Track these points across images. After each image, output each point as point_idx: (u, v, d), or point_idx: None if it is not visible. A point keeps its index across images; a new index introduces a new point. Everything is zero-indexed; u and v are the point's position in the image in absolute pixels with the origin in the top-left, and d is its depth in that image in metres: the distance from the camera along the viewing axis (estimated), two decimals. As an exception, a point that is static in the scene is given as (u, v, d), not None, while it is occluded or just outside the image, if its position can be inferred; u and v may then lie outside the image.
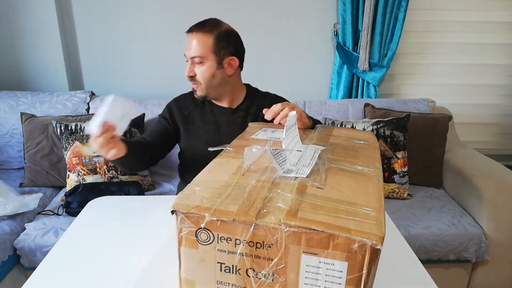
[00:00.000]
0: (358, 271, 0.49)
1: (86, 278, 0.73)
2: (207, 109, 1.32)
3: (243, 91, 1.33)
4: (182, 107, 1.34)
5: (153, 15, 2.08)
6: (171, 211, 0.53)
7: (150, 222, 0.92)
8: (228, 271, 0.54)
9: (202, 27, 1.19)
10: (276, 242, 0.50)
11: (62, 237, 0.86)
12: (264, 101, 1.30)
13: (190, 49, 1.20)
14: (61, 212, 1.58)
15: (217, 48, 1.19)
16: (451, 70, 2.25)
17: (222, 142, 1.21)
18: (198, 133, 1.31)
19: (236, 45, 1.24)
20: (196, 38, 1.18)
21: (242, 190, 0.57)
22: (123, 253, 0.80)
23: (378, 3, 1.98)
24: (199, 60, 1.19)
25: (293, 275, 0.52)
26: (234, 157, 0.69)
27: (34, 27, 2.00)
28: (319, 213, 0.51)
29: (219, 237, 0.52)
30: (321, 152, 0.72)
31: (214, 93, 1.26)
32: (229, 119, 1.30)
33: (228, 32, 1.22)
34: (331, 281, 0.50)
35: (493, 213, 1.54)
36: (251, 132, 0.85)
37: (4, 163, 1.93)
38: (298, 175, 0.62)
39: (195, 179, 0.61)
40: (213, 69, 1.20)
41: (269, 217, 0.50)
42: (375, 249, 0.47)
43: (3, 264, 1.39)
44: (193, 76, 1.22)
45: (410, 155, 1.79)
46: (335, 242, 0.48)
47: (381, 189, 0.60)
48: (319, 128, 0.90)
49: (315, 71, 2.24)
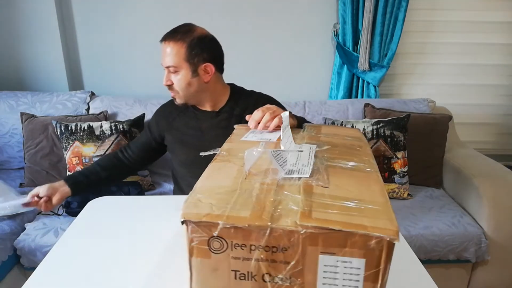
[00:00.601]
0: (375, 267, 0.49)
1: (86, 278, 0.73)
2: (190, 114, 1.31)
3: (226, 93, 1.30)
4: (167, 115, 1.33)
5: (153, 15, 2.08)
6: (181, 221, 0.51)
7: (150, 222, 0.92)
8: (243, 278, 0.53)
9: (174, 35, 1.17)
10: (293, 244, 0.49)
11: (62, 237, 0.86)
12: (248, 101, 1.28)
13: (164, 58, 1.18)
14: (61, 212, 1.58)
15: (190, 56, 1.16)
16: (451, 70, 2.25)
17: (207, 146, 1.21)
18: (183, 139, 1.30)
19: (211, 51, 1.21)
20: (169, 47, 1.16)
21: (249, 194, 0.56)
22: (123, 253, 0.80)
23: (378, 3, 1.98)
24: (174, 69, 1.17)
25: (310, 277, 0.51)
26: (230, 161, 0.68)
27: (34, 27, 2.00)
28: (332, 213, 0.51)
29: (233, 244, 0.51)
30: (316, 151, 0.72)
31: (193, 100, 1.26)
32: (213, 123, 1.28)
33: (202, 38, 1.19)
34: (349, 278, 0.50)
35: (493, 213, 1.54)
36: (239, 134, 0.85)
37: (4, 163, 1.93)
38: (301, 175, 0.61)
39: (195, 186, 0.59)
40: (188, 77, 1.18)
41: (283, 220, 0.50)
42: (391, 243, 0.47)
43: (3, 264, 1.39)
44: (171, 85, 1.20)
45: (410, 155, 1.79)
46: (352, 240, 0.48)
47: (382, 184, 0.61)
48: (307, 127, 0.90)
49: (315, 71, 2.24)
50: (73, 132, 1.70)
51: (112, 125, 1.73)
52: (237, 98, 1.30)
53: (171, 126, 1.32)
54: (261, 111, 0.91)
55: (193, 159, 1.27)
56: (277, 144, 0.78)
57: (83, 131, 1.71)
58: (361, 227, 0.48)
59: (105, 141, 1.71)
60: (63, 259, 0.79)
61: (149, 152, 1.37)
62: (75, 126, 1.71)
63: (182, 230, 0.52)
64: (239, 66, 2.18)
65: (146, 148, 1.36)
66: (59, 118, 1.80)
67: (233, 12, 2.08)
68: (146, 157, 1.38)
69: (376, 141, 1.76)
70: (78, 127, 1.71)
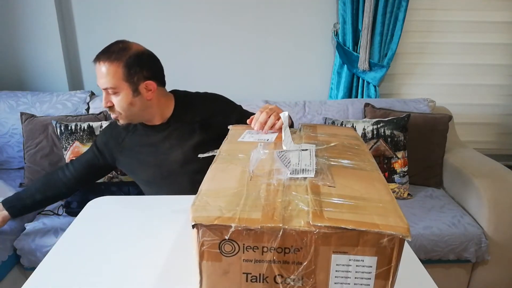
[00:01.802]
0: (387, 264, 0.50)
1: (86, 278, 0.73)
2: (140, 132, 1.25)
3: (171, 103, 1.24)
4: (116, 136, 1.27)
5: (153, 15, 2.08)
6: (192, 225, 0.50)
7: (150, 222, 0.92)
8: (255, 281, 0.52)
9: (108, 55, 1.09)
10: (306, 245, 0.50)
11: (62, 237, 0.86)
12: (196, 104, 1.25)
13: (99, 80, 1.11)
14: (61, 212, 1.58)
15: (129, 76, 1.10)
16: (451, 70, 2.25)
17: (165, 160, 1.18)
18: (139, 159, 1.24)
19: (150, 67, 1.15)
20: (104, 67, 1.09)
21: (257, 195, 0.55)
22: (123, 253, 0.80)
23: (378, 3, 1.98)
24: (113, 91, 1.11)
25: (322, 276, 0.52)
26: (232, 162, 0.68)
27: (34, 28, 2.00)
28: (343, 212, 0.51)
29: (245, 247, 0.50)
30: (317, 151, 0.72)
31: (138, 118, 1.20)
32: (164, 135, 1.23)
33: (139, 55, 1.12)
34: (361, 277, 0.51)
35: (493, 213, 1.54)
36: (236, 135, 0.84)
37: (4, 163, 1.93)
38: (306, 176, 0.61)
39: (201, 189, 0.58)
40: (129, 98, 1.12)
41: (296, 220, 0.50)
42: (403, 240, 0.48)
43: (3, 264, 1.39)
44: (111, 106, 1.14)
45: (410, 155, 1.79)
46: (364, 239, 0.49)
47: (385, 181, 0.61)
48: (303, 127, 0.90)
49: (315, 71, 2.24)
50: (73, 132, 1.70)
51: (112, 125, 1.73)
52: (183, 104, 1.25)
53: (123, 148, 1.26)
54: (265, 113, 0.89)
55: (153, 178, 1.24)
56: (276, 144, 0.78)
57: (83, 131, 1.71)
58: (373, 226, 0.48)
59: (105, 141, 1.71)
60: (63, 259, 0.79)
61: (92, 170, 1.30)
62: (75, 126, 1.71)
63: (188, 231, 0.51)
64: (239, 66, 2.18)
65: (90, 165, 1.29)
66: (59, 118, 1.80)
67: (233, 13, 2.08)
68: (88, 175, 1.31)
69: (376, 141, 1.76)
70: (78, 127, 1.71)
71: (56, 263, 0.78)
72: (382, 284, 0.51)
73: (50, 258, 0.79)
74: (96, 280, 0.72)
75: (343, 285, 0.52)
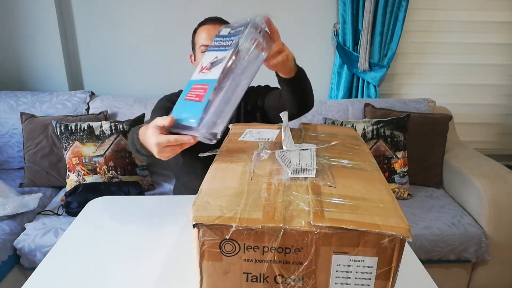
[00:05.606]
0: (388, 265, 0.50)
1: (86, 278, 0.73)
2: None
3: None
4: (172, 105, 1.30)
5: (153, 15, 2.08)
6: (192, 225, 0.50)
7: (150, 222, 0.92)
8: (255, 281, 0.52)
9: (223, 20, 1.29)
10: (306, 245, 0.50)
11: (62, 237, 0.86)
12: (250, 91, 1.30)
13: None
14: (61, 212, 1.58)
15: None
16: (451, 70, 2.25)
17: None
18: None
19: None
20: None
21: (258, 195, 0.55)
22: (123, 253, 0.80)
23: (378, 3, 1.98)
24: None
25: (323, 276, 0.51)
26: (232, 162, 0.68)
27: (34, 27, 2.00)
28: (344, 212, 0.51)
29: (246, 247, 0.50)
30: (317, 151, 0.72)
31: None
32: None
33: None
34: (361, 277, 0.51)
35: (493, 213, 1.54)
36: (236, 134, 0.84)
37: (4, 163, 1.93)
38: (307, 175, 0.61)
39: (201, 188, 0.58)
40: None
41: (296, 220, 0.50)
42: (403, 241, 0.48)
43: (3, 264, 1.39)
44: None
45: (410, 155, 1.79)
46: (365, 239, 0.48)
47: (386, 182, 0.61)
48: (303, 126, 0.89)
49: (315, 71, 2.23)
50: (73, 132, 1.70)
51: (112, 125, 1.73)
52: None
53: None
54: (283, 44, 0.95)
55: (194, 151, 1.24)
56: (276, 143, 0.78)
57: (83, 131, 1.71)
58: (374, 226, 0.48)
59: (105, 141, 1.71)
60: (63, 259, 0.79)
61: None
62: (75, 126, 1.71)
63: (188, 231, 0.51)
64: (239, 66, 2.18)
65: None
66: (59, 118, 1.80)
67: (233, 12, 2.08)
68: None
69: (376, 141, 1.76)
70: (78, 127, 1.71)
71: (56, 263, 0.78)
72: (382, 285, 0.51)
73: (50, 258, 0.79)
74: (96, 280, 0.72)
75: (344, 286, 0.52)
